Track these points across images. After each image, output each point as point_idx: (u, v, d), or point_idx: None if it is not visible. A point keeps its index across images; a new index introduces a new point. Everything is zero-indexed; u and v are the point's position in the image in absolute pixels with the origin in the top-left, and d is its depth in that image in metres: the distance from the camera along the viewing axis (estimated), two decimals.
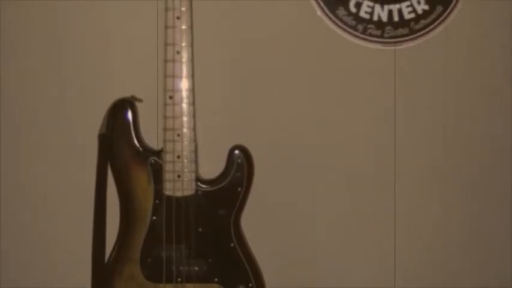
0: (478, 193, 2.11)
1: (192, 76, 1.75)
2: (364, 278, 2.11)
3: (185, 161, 1.77)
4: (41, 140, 2.04)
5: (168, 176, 1.77)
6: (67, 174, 2.04)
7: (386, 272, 2.09)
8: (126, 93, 1.82)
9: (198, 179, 1.79)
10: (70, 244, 2.05)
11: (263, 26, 2.01)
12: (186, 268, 1.80)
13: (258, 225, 1.95)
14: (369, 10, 2.00)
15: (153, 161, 1.78)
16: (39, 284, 2.06)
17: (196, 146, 1.78)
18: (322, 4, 1.99)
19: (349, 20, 2.00)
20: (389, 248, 2.09)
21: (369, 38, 2.01)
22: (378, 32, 2.01)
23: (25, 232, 2.06)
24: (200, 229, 1.80)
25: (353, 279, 2.10)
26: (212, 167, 1.82)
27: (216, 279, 1.81)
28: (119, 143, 1.79)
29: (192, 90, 1.76)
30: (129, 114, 1.78)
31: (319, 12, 2.00)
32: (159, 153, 1.78)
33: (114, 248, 1.81)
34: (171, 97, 1.75)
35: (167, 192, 1.78)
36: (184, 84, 1.75)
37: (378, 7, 2.00)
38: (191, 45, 1.74)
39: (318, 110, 2.06)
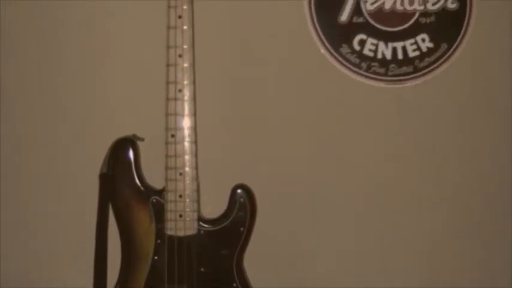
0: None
1: (194, 114, 1.74)
2: None
3: (187, 200, 1.75)
4: (42, 179, 2.04)
5: (170, 215, 1.76)
6: (68, 213, 2.03)
7: None
8: (127, 132, 1.81)
9: (200, 219, 1.78)
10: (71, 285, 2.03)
11: (266, 64, 2.01)
12: None
13: (260, 264, 1.93)
14: (373, 48, 2.00)
15: (154, 200, 1.77)
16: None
17: (198, 185, 1.77)
18: (325, 42, 1.99)
19: (353, 58, 2.00)
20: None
21: (372, 76, 2.01)
22: (382, 70, 2.01)
23: None
24: (202, 269, 1.78)
25: None
26: (214, 206, 1.81)
27: None
28: (120, 182, 1.78)
29: (194, 128, 1.75)
30: (131, 153, 1.78)
31: (322, 50, 1.99)
32: (160, 192, 1.77)
33: None
34: (172, 135, 1.74)
35: (169, 232, 1.77)
36: (186, 123, 1.74)
37: (382, 45, 2.00)
38: (193, 83, 1.74)
39: (321, 148, 2.05)
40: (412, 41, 2.00)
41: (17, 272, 2.07)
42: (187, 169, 1.75)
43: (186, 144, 1.74)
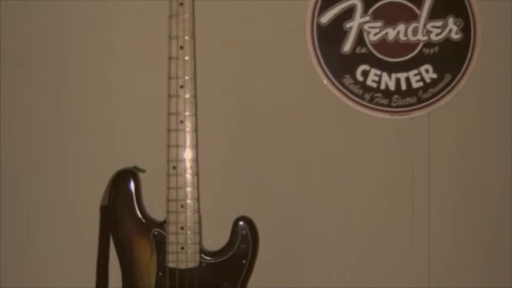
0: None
1: (195, 146, 1.74)
2: None
3: (189, 232, 1.74)
4: (42, 211, 2.02)
5: (171, 247, 1.75)
6: (68, 246, 2.01)
7: None
8: (128, 164, 1.81)
9: (202, 251, 1.77)
10: None
11: (269, 94, 2.00)
12: None
13: None
14: (376, 79, 1.99)
15: (156, 232, 1.76)
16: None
17: (200, 217, 1.76)
18: (328, 72, 1.98)
19: (356, 89, 1.99)
20: None
21: (376, 107, 2.00)
22: (385, 101, 2.00)
23: None
24: None
25: None
26: (216, 239, 1.80)
27: None
28: (121, 215, 1.78)
29: (196, 160, 1.74)
30: (132, 185, 1.77)
31: (325, 81, 1.99)
32: (162, 225, 1.76)
33: None
34: (174, 167, 1.73)
35: (170, 265, 1.75)
36: (187, 154, 1.73)
37: (385, 75, 1.99)
38: (195, 114, 1.73)
39: (324, 179, 2.04)
40: (415, 71, 2.00)
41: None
42: (188, 201, 1.74)
43: (188, 176, 1.73)
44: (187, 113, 1.72)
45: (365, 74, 1.99)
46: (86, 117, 1.99)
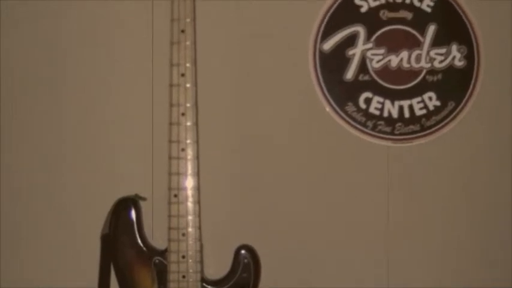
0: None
1: (197, 174, 1.73)
2: None
3: (190, 261, 1.73)
4: (42, 240, 2.01)
5: (172, 276, 1.74)
6: (69, 275, 1.99)
7: None
8: (129, 192, 1.80)
9: (203, 280, 1.76)
10: None
11: (271, 122, 2.00)
12: None
13: None
14: (379, 106, 1.98)
15: (157, 261, 1.75)
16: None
17: (201, 246, 1.75)
18: (331, 100, 1.98)
19: (359, 117, 1.98)
20: None
21: (379, 134, 1.99)
22: (388, 129, 1.99)
23: None
24: None
25: None
26: (218, 267, 1.79)
27: None
28: (122, 243, 1.77)
29: (197, 188, 1.73)
30: (133, 214, 1.77)
31: (328, 108, 1.98)
32: (163, 253, 1.75)
33: None
34: (175, 195, 1.72)
35: None
36: (189, 182, 1.72)
37: (388, 103, 1.99)
38: (196, 142, 1.72)
39: (326, 207, 2.02)
40: (419, 99, 1.99)
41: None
42: (190, 229, 1.72)
43: (189, 204, 1.72)
44: (188, 141, 1.72)
45: (368, 101, 1.98)
46: (86, 145, 1.99)
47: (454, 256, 2.06)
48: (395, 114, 1.99)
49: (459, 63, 1.99)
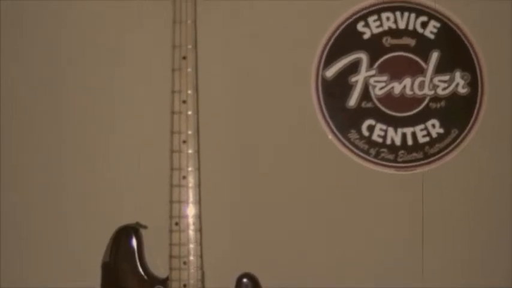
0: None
1: (198, 202, 1.72)
2: None
3: None
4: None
5: None
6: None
7: None
8: (130, 220, 1.80)
9: None
10: None
11: (272, 149, 1.99)
12: None
13: None
14: (382, 134, 1.97)
15: None
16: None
17: (203, 274, 1.74)
18: (333, 127, 1.97)
19: (362, 144, 1.97)
20: None
21: (381, 162, 1.98)
22: (391, 157, 1.98)
23: None
24: None
25: None
26: None
27: None
28: (123, 271, 1.76)
29: (199, 216, 1.72)
30: (134, 242, 1.76)
31: (330, 136, 1.97)
32: (164, 282, 1.74)
33: None
34: (177, 223, 1.71)
35: None
36: (190, 210, 1.72)
37: (391, 130, 1.98)
38: (198, 169, 1.72)
39: (329, 236, 2.01)
40: (422, 126, 1.98)
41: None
42: (191, 258, 1.71)
43: (191, 232, 1.71)
44: (190, 168, 1.71)
45: (370, 128, 1.97)
46: (87, 172, 1.99)
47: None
48: (398, 141, 1.98)
49: (463, 90, 1.99)
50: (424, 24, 1.99)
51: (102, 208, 1.97)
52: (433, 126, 1.98)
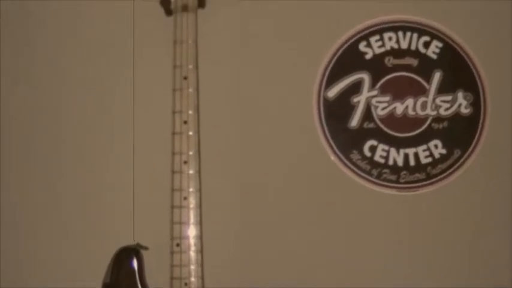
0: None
1: (199, 223, 1.71)
2: None
3: None
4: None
5: None
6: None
7: None
8: (131, 241, 1.79)
9: None
10: None
11: (274, 171, 1.98)
12: None
13: None
14: (384, 154, 1.97)
15: None
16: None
17: None
18: (335, 148, 1.96)
19: (364, 165, 1.97)
20: None
21: (384, 183, 1.97)
22: (394, 177, 1.97)
23: None
24: None
25: None
26: None
27: None
28: None
29: (200, 237, 1.71)
30: (135, 263, 1.75)
31: (332, 157, 1.97)
32: None
33: None
34: (178, 245, 1.70)
35: None
36: (191, 231, 1.71)
37: (393, 151, 1.97)
38: (199, 190, 1.71)
39: (331, 257, 2.00)
40: (424, 147, 1.97)
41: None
42: (192, 279, 1.70)
43: (192, 253, 1.70)
44: (191, 189, 1.70)
45: (373, 149, 1.97)
46: (88, 193, 1.98)
47: None
48: (400, 162, 1.97)
49: (465, 110, 1.98)
50: (426, 44, 1.99)
51: (103, 229, 1.96)
52: (436, 146, 1.97)
